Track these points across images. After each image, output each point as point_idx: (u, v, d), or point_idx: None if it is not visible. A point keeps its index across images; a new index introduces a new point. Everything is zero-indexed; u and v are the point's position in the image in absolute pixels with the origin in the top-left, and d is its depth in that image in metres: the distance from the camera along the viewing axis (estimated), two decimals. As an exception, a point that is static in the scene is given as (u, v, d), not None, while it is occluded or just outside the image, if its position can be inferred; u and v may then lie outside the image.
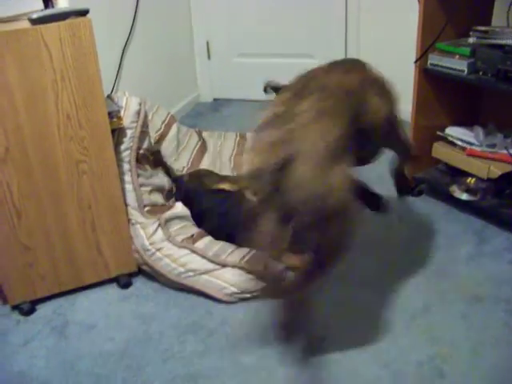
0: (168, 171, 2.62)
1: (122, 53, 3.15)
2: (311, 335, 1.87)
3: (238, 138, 3.14)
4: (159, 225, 2.15)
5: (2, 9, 1.80)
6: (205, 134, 3.17)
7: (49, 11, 1.81)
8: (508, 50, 2.14)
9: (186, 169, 2.66)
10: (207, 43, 4.12)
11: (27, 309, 2.07)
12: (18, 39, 1.73)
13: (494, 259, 2.21)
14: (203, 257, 2.08)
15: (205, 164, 2.80)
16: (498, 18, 2.53)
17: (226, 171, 2.75)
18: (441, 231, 2.41)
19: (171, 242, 2.12)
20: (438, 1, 2.34)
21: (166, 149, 2.70)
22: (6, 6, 1.81)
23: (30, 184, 1.92)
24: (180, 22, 3.94)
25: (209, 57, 4.17)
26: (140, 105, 2.20)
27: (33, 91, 1.81)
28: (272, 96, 1.97)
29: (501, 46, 2.19)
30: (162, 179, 2.46)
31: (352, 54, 3.84)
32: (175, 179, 2.56)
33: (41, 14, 1.77)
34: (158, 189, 2.35)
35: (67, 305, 2.10)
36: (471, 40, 2.31)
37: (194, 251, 2.10)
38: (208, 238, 2.19)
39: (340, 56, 3.87)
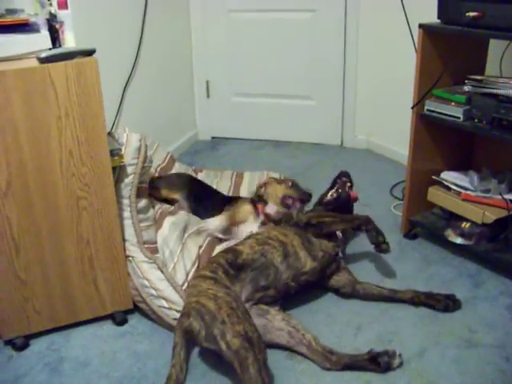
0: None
1: (124, 90, 3.20)
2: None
3: (234, 177, 3.17)
4: (157, 266, 2.15)
5: (11, 47, 1.84)
6: (202, 174, 3.21)
7: (57, 50, 1.85)
8: (502, 100, 2.20)
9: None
10: (207, 82, 4.19)
11: (20, 344, 2.05)
12: (26, 77, 1.77)
13: (489, 304, 2.22)
14: None
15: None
16: (491, 67, 2.61)
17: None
18: (436, 275, 2.42)
19: (171, 285, 2.12)
20: (434, 50, 2.41)
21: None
22: (15, 45, 1.85)
23: (30, 218, 1.93)
24: (181, 61, 4.02)
25: (208, 96, 4.24)
26: (140, 141, 2.22)
27: (37, 127, 1.84)
28: None
29: (495, 95, 2.25)
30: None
31: (349, 98, 3.92)
32: None
33: (49, 53, 1.81)
34: (154, 222, 2.35)
35: (62, 341, 2.09)
36: (466, 88, 2.37)
37: None
38: None
39: (338, 99, 3.95)
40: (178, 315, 2.02)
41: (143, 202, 2.26)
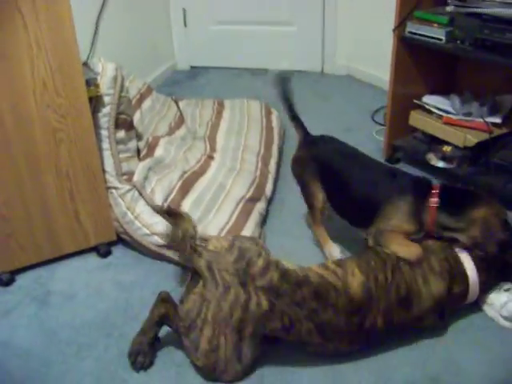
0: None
1: (97, 20, 3.09)
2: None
3: (215, 105, 3.12)
4: (135, 188, 2.14)
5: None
6: (182, 103, 3.15)
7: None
8: (485, 19, 2.15)
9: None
10: (184, 10, 4.06)
11: (6, 279, 2.05)
12: (-10, 4, 1.69)
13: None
14: None
15: (182, 133, 2.79)
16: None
17: (202, 135, 2.75)
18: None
19: (150, 206, 2.11)
20: (416, -32, 2.34)
21: (142, 120, 2.68)
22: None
23: (7, 153, 1.89)
24: (155, -13, 3.87)
25: (185, 24, 4.11)
26: (116, 70, 2.15)
27: (7, 58, 1.76)
28: None
29: (478, 15, 2.20)
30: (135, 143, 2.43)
31: (330, 22, 3.83)
32: None
33: (13, -23, 1.72)
34: (135, 154, 2.32)
35: (47, 274, 2.09)
36: (449, 8, 2.32)
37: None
38: (189, 203, 2.18)
39: (319, 24, 3.86)
40: (160, 241, 2.05)
41: (123, 133, 2.22)
